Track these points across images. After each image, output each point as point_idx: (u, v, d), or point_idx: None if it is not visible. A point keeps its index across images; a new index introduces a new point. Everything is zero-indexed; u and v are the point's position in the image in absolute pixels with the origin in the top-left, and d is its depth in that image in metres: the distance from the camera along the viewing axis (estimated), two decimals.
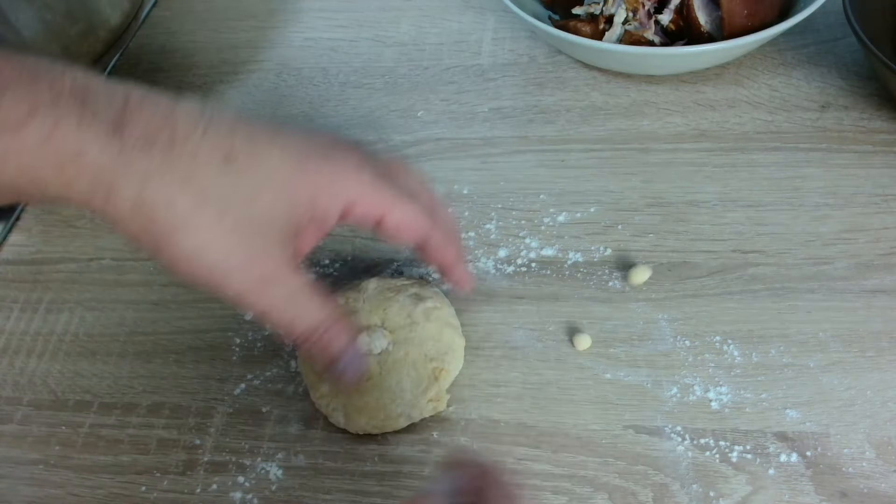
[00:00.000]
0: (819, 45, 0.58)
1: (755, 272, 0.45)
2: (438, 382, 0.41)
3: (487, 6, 0.66)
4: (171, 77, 0.64)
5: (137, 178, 0.30)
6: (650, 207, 0.49)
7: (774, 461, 0.38)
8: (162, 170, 0.30)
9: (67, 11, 0.53)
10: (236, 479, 0.40)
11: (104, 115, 0.30)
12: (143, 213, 0.31)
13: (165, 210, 0.31)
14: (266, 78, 0.63)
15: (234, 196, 0.32)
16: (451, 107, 0.58)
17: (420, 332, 0.42)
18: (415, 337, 0.41)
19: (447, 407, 0.41)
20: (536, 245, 0.48)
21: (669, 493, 0.37)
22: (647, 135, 0.54)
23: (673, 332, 0.43)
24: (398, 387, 0.40)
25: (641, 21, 0.56)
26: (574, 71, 0.59)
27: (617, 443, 0.39)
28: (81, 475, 0.42)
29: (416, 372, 0.41)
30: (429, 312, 0.42)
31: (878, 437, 0.38)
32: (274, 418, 0.43)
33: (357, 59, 0.63)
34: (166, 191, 0.31)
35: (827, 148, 0.51)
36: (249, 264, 0.33)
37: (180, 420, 0.43)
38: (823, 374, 0.41)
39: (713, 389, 0.41)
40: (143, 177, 0.30)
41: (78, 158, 0.30)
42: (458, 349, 0.42)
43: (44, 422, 0.44)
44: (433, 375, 0.41)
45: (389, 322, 0.42)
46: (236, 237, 0.32)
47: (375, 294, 0.43)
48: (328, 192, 0.34)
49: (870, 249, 0.45)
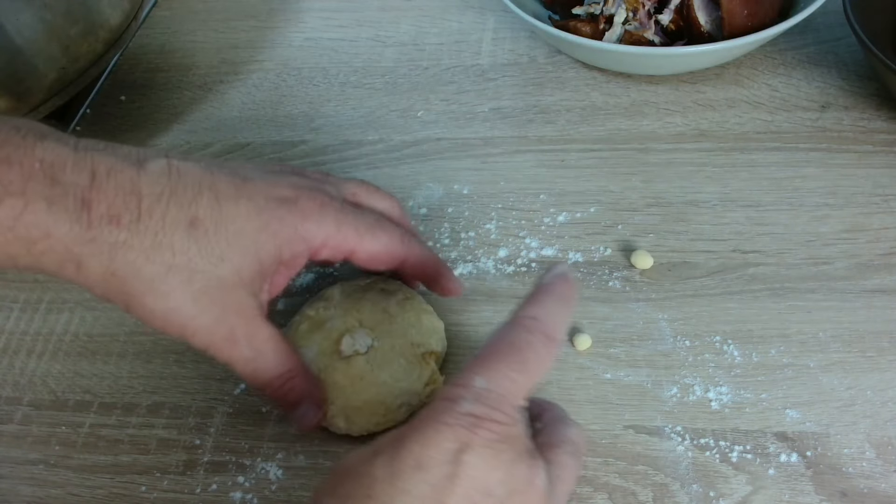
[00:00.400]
0: (819, 45, 0.58)
1: (755, 272, 0.45)
2: (430, 365, 0.41)
3: (487, 6, 0.66)
4: (171, 77, 0.65)
5: (105, 253, 0.32)
6: (650, 207, 0.49)
7: (774, 461, 0.38)
8: (129, 243, 0.32)
9: (67, 11, 0.53)
10: (236, 479, 0.40)
11: (72, 193, 0.31)
12: (113, 282, 0.33)
13: (134, 279, 0.33)
14: (266, 78, 0.63)
15: (201, 261, 0.33)
16: (451, 107, 0.58)
17: (400, 323, 0.42)
18: (396, 329, 0.42)
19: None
20: (536, 245, 0.48)
21: (669, 492, 0.37)
22: (647, 135, 0.54)
23: (673, 332, 0.43)
24: (392, 378, 0.40)
25: (641, 21, 0.56)
26: (574, 71, 0.59)
27: (617, 443, 0.39)
28: (81, 475, 0.42)
29: (406, 360, 0.41)
30: (402, 303, 0.43)
31: (878, 437, 0.38)
32: (274, 418, 0.43)
33: (357, 59, 0.63)
34: (134, 262, 0.32)
35: (827, 148, 0.51)
36: (218, 323, 0.34)
37: (180, 420, 0.43)
38: (823, 374, 0.41)
39: (713, 389, 0.41)
40: (110, 250, 0.32)
41: (47, 237, 0.31)
42: (439, 331, 0.43)
43: (44, 422, 0.44)
44: (424, 360, 0.41)
45: (367, 320, 0.42)
46: (205, 299, 0.34)
47: (343, 298, 0.43)
48: (292, 241, 0.35)
49: (870, 249, 0.45)
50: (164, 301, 0.33)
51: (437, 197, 0.52)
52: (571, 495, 0.38)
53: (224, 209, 0.34)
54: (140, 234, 0.32)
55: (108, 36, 0.56)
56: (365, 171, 0.54)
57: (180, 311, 0.34)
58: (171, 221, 0.33)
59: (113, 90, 0.64)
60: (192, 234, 0.33)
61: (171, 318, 0.34)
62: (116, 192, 0.32)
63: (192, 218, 0.33)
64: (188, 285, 0.33)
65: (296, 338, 0.42)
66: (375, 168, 0.55)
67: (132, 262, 0.32)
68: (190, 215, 0.33)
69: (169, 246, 0.33)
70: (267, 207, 0.35)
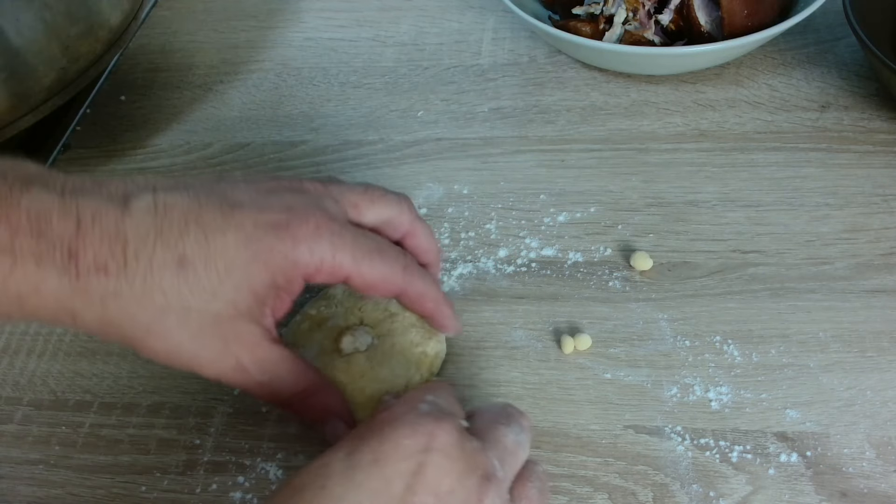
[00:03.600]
0: (819, 45, 0.58)
1: (755, 272, 0.45)
2: (430, 364, 0.41)
3: (487, 6, 0.66)
4: (171, 77, 0.65)
5: (97, 303, 0.32)
6: (650, 207, 0.49)
7: (774, 461, 0.38)
8: (119, 291, 0.32)
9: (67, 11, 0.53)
10: (236, 479, 0.40)
11: (59, 246, 0.31)
12: (111, 329, 0.33)
13: (130, 325, 0.33)
14: (266, 78, 0.63)
15: (194, 299, 0.33)
16: (451, 107, 0.58)
17: (401, 322, 0.42)
18: (397, 327, 0.42)
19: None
20: (536, 245, 0.48)
21: (669, 493, 0.37)
22: (647, 135, 0.54)
23: (673, 332, 0.43)
24: (392, 376, 0.40)
25: (641, 21, 0.56)
26: (574, 71, 0.59)
27: (617, 443, 0.39)
28: (81, 475, 0.42)
29: (406, 359, 0.41)
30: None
31: (878, 437, 0.38)
32: (274, 418, 0.43)
33: (357, 59, 0.63)
34: (127, 309, 0.32)
35: (827, 148, 0.51)
36: (223, 356, 0.34)
37: (180, 420, 0.43)
38: (823, 374, 0.41)
39: (713, 389, 0.41)
40: (101, 300, 0.32)
41: (37, 293, 0.31)
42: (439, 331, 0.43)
43: (44, 422, 0.44)
44: (423, 359, 0.41)
45: (368, 318, 0.42)
46: (205, 336, 0.33)
47: (346, 297, 0.43)
48: (285, 269, 0.34)
49: (870, 249, 0.45)
50: (164, 342, 0.33)
51: (437, 197, 0.52)
52: (572, 495, 0.38)
53: (212, 244, 0.33)
54: (129, 280, 0.32)
55: (108, 36, 0.56)
56: (365, 171, 0.54)
57: (182, 350, 0.34)
58: (158, 263, 0.32)
59: (113, 90, 0.64)
60: (181, 274, 0.32)
61: (176, 357, 0.34)
62: (102, 238, 0.32)
63: (181, 257, 0.32)
64: (185, 325, 0.33)
65: (297, 337, 0.42)
66: (375, 168, 0.55)
67: (125, 310, 0.32)
68: (178, 254, 0.32)
69: (159, 289, 0.32)
70: (255, 236, 0.34)
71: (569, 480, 0.38)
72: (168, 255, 0.32)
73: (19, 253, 0.31)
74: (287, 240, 0.34)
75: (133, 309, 0.32)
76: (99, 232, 0.32)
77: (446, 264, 0.48)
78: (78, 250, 0.31)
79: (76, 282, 0.31)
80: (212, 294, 0.33)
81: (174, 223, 0.33)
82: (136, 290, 0.32)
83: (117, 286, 0.32)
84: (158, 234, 0.32)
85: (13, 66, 0.50)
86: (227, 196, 0.35)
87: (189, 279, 0.32)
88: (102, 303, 0.32)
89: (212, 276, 0.33)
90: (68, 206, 0.32)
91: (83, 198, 0.32)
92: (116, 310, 0.32)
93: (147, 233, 0.32)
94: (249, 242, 0.33)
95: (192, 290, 0.33)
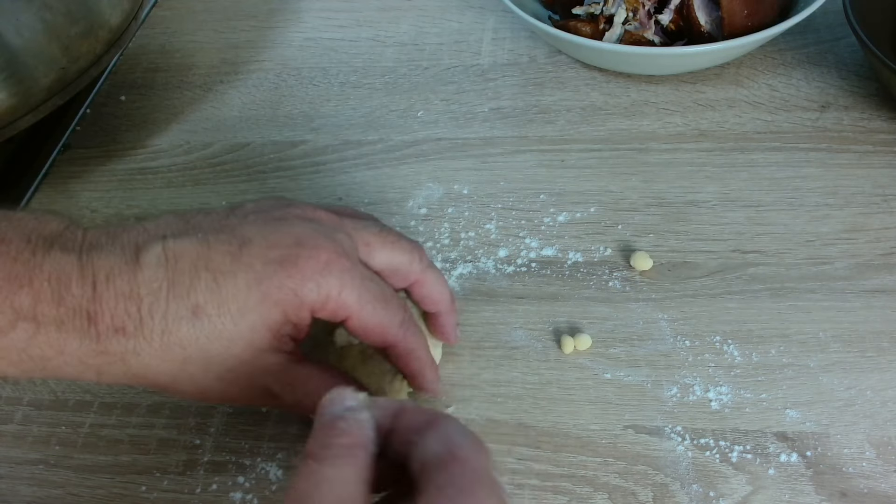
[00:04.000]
0: (819, 45, 0.58)
1: (755, 272, 0.45)
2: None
3: (487, 6, 0.66)
4: (171, 77, 0.65)
5: (119, 361, 0.33)
6: (650, 207, 0.49)
7: (774, 461, 0.38)
8: (138, 349, 0.33)
9: (67, 11, 0.53)
10: (236, 479, 0.40)
11: (78, 310, 0.32)
12: (136, 380, 0.34)
13: (155, 377, 0.34)
14: (266, 78, 0.63)
15: (212, 346, 0.34)
16: (451, 107, 0.58)
17: None
18: None
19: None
20: (536, 245, 0.48)
21: (669, 493, 0.37)
22: (646, 135, 0.54)
23: (673, 332, 0.43)
24: (385, 368, 0.40)
25: (641, 21, 0.56)
26: (574, 71, 0.59)
27: (617, 443, 0.39)
28: (81, 475, 0.42)
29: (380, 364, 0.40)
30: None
31: (878, 437, 0.38)
32: (274, 418, 0.43)
33: (357, 59, 0.63)
34: (149, 364, 0.33)
35: (827, 148, 0.51)
36: (251, 389, 0.35)
37: (180, 420, 0.43)
38: (823, 374, 0.41)
39: (713, 389, 0.41)
40: (122, 358, 0.33)
41: (60, 354, 0.32)
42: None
43: (44, 422, 0.44)
44: None
45: None
46: (229, 376, 0.35)
47: None
48: (293, 306, 0.34)
49: (870, 249, 0.45)
50: (191, 385, 0.34)
51: (437, 197, 0.52)
52: (572, 495, 0.38)
53: (223, 289, 0.33)
54: (146, 338, 0.33)
55: (108, 36, 0.56)
56: (365, 171, 0.54)
57: (211, 390, 0.35)
58: (173, 317, 0.33)
59: (113, 90, 0.64)
60: (196, 324, 0.33)
61: (205, 396, 0.35)
62: (117, 299, 0.32)
63: (194, 307, 0.33)
64: (207, 371, 0.34)
65: None
66: (375, 168, 0.55)
67: (147, 365, 0.33)
68: (191, 304, 0.33)
69: (178, 343, 0.33)
70: (265, 274, 0.34)
71: (569, 480, 0.38)
72: (182, 307, 0.33)
73: (42, 319, 0.32)
74: (296, 276, 0.34)
75: (155, 364, 0.33)
76: (114, 292, 0.33)
77: (446, 264, 0.48)
78: (96, 313, 0.32)
79: (97, 344, 0.32)
80: (229, 340, 0.34)
81: (185, 272, 0.33)
82: (156, 346, 0.33)
83: (136, 345, 0.33)
84: (171, 287, 0.33)
85: (13, 66, 0.50)
86: (237, 233, 0.35)
87: (205, 327, 0.33)
88: (124, 361, 0.33)
89: (226, 321, 0.33)
90: (85, 269, 0.33)
91: (98, 257, 0.33)
92: (139, 366, 0.33)
93: (160, 287, 0.33)
94: (260, 282, 0.34)
95: (210, 338, 0.33)
